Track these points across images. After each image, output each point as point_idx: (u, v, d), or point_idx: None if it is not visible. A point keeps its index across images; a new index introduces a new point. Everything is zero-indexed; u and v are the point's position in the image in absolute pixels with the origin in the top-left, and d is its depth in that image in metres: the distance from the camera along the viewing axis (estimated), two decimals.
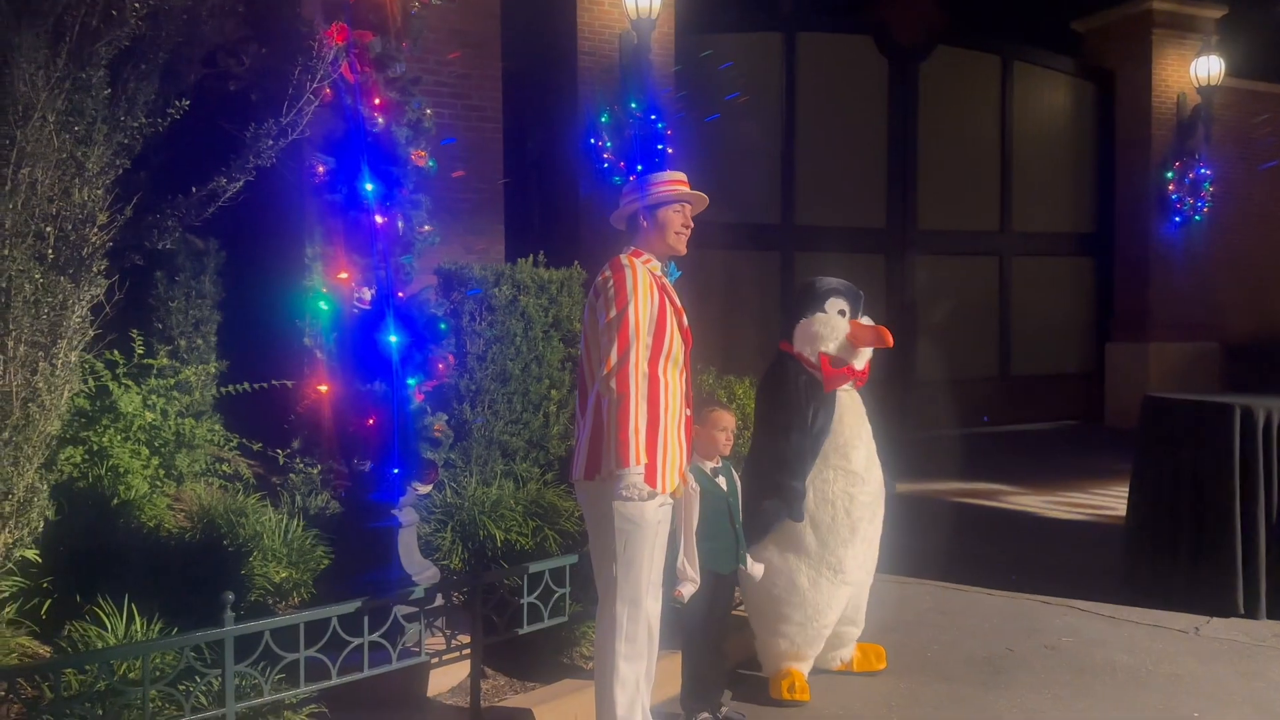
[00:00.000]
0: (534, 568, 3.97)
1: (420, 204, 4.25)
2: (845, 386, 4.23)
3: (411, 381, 4.17)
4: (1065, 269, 13.15)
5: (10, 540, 3.73)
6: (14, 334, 3.49)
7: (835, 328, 4.19)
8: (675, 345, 3.33)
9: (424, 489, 4.37)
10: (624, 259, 3.34)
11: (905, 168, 11.81)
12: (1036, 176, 12.83)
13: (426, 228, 4.30)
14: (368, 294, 4.12)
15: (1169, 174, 12.42)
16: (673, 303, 3.38)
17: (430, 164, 4.30)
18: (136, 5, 3.61)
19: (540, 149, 9.39)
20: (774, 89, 10.99)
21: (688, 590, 3.60)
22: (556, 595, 3.99)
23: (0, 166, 3.40)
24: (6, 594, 3.74)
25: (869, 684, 4.34)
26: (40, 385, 3.58)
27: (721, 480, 3.85)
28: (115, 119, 3.71)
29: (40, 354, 3.58)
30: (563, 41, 8.83)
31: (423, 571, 4.07)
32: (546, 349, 5.96)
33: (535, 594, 3.93)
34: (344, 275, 4.08)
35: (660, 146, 8.68)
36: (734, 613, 4.36)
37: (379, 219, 4.12)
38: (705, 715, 3.85)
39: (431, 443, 4.42)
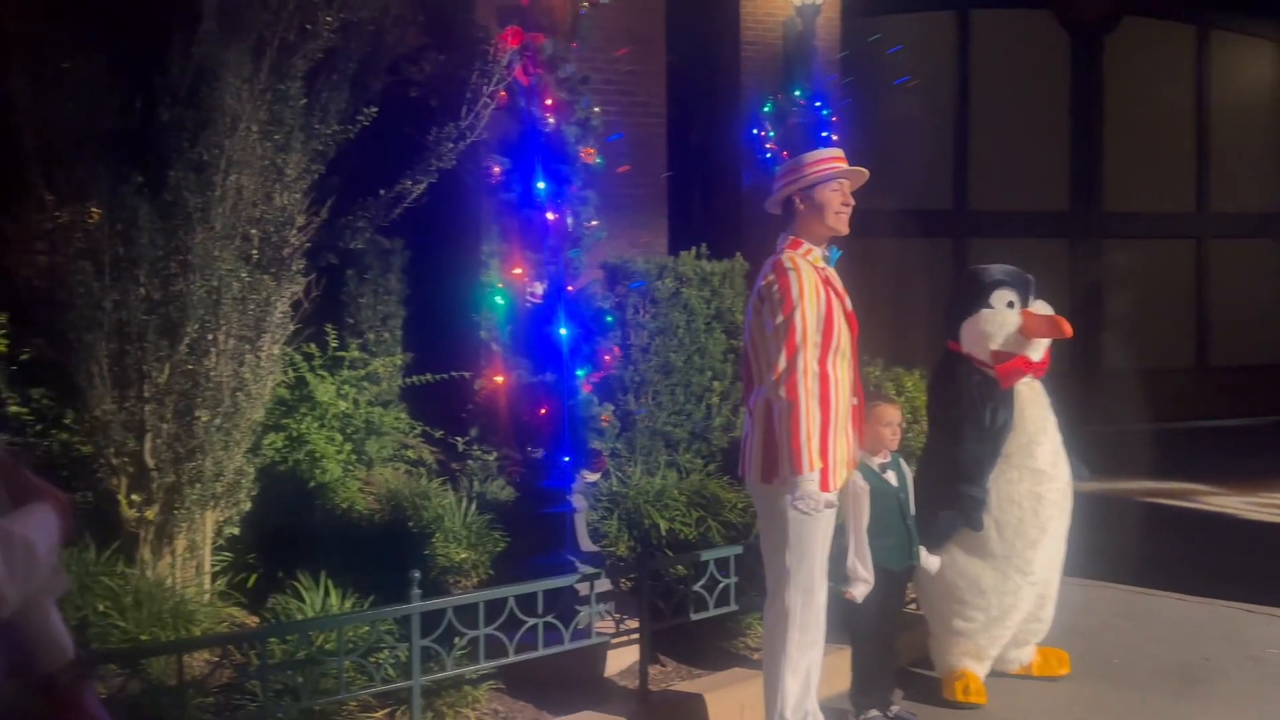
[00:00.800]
0: (702, 556, 4.01)
1: (588, 200, 4.37)
2: (1025, 379, 4.04)
3: (580, 372, 4.29)
4: (1271, 251, 12.11)
5: (221, 519, 4.09)
6: (224, 329, 3.81)
7: (1005, 322, 4.00)
8: (842, 338, 3.29)
9: (592, 477, 4.49)
10: (785, 259, 3.28)
11: (1089, 147, 11.18)
12: (1238, 153, 11.87)
13: (594, 223, 4.41)
14: (539, 288, 4.27)
15: None
16: (836, 292, 3.33)
17: (598, 161, 4.41)
18: (329, 19, 3.87)
19: (703, 141, 9.42)
20: (946, 70, 10.63)
21: (860, 591, 3.56)
22: (722, 585, 4.01)
23: (211, 174, 3.72)
24: (218, 568, 4.10)
25: (1049, 689, 4.16)
26: (247, 376, 3.90)
27: (891, 476, 3.77)
28: (311, 127, 3.99)
29: (247, 347, 3.89)
30: (725, 32, 8.82)
31: (592, 557, 4.18)
32: (709, 340, 5.99)
33: (701, 582, 3.97)
34: (518, 271, 4.24)
35: (825, 134, 8.54)
36: (906, 609, 4.27)
37: (550, 216, 4.26)
38: (875, 713, 3.79)
39: (599, 432, 4.55)
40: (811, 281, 3.22)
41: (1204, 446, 10.15)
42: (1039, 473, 3.95)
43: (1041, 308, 4.09)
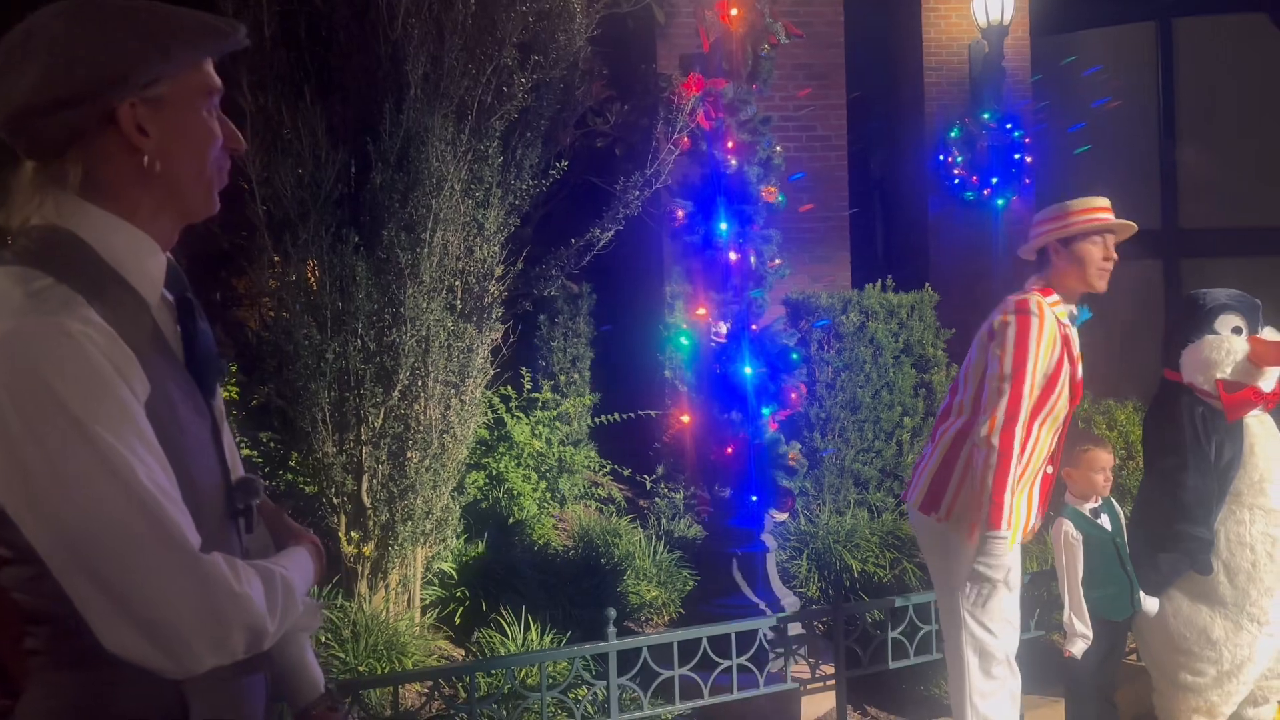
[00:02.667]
0: (899, 602, 3.90)
1: (771, 239, 4.38)
2: (1254, 411, 3.72)
3: (766, 411, 4.29)
4: None
5: (430, 554, 4.32)
6: (432, 375, 4.05)
7: (1231, 350, 3.69)
8: (1060, 404, 3.09)
9: (780, 516, 4.46)
10: (1032, 302, 3.05)
11: None
12: None
13: (777, 261, 4.41)
14: (724, 328, 4.30)
15: None
16: (1070, 355, 3.11)
17: (780, 199, 4.42)
18: (523, 80, 4.08)
19: (884, 172, 9.26)
20: (1148, 84, 10.01)
21: (1079, 647, 3.35)
22: (923, 631, 3.88)
23: (420, 232, 3.97)
24: (427, 601, 4.32)
25: None
26: (453, 419, 4.12)
27: (1105, 520, 3.53)
28: (507, 183, 4.21)
29: (452, 391, 4.12)
30: (908, 60, 8.66)
31: (783, 599, 4.14)
32: (897, 375, 5.85)
33: (900, 629, 3.85)
34: (702, 311, 4.30)
35: (1018, 156, 8.22)
36: (1127, 660, 3.99)
37: (733, 256, 4.30)
38: None
39: (787, 471, 4.51)
40: (1051, 333, 3.03)
41: None
42: (1273, 512, 3.61)
43: (1271, 334, 3.76)
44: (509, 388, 5.24)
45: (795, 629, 3.93)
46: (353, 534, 4.06)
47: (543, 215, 4.74)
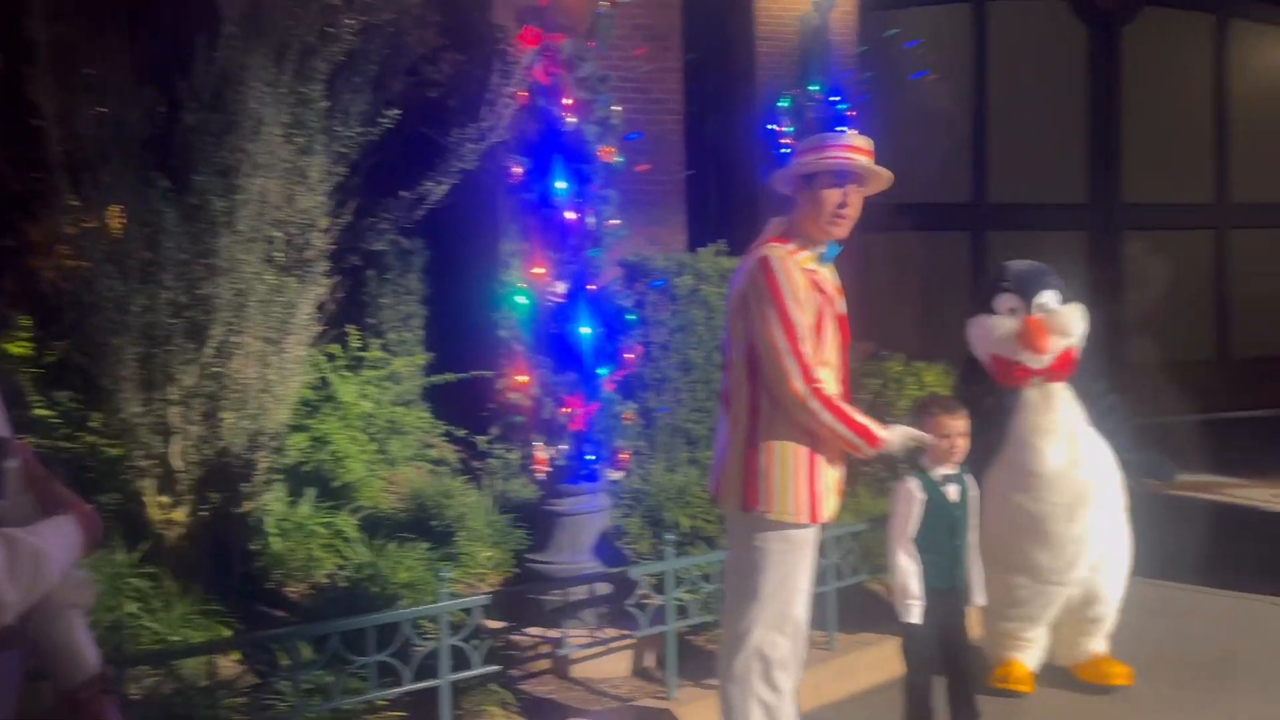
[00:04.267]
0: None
1: (608, 199, 4.37)
2: (1034, 381, 3.97)
3: (602, 371, 4.30)
4: None
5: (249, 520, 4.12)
6: (249, 331, 3.85)
7: (1001, 330, 3.96)
8: (831, 348, 2.92)
9: (615, 475, 4.49)
10: (772, 258, 2.82)
11: (1108, 139, 11.09)
12: (1259, 143, 11.74)
13: (614, 222, 4.41)
14: (561, 287, 4.27)
15: None
16: (826, 295, 2.92)
17: (618, 159, 4.41)
18: (349, 21, 3.89)
19: (719, 138, 9.40)
20: (964, 63, 10.57)
21: (914, 613, 3.32)
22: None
23: (235, 178, 3.75)
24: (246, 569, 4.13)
25: (1083, 683, 4.13)
26: (272, 377, 3.93)
27: (952, 490, 3.45)
28: (332, 130, 4.01)
29: (272, 349, 3.93)
30: (741, 28, 8.79)
31: (611, 557, 4.20)
32: None
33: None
34: (539, 270, 4.25)
35: (842, 129, 8.51)
36: None
37: (570, 215, 4.26)
38: None
39: (621, 430, 4.55)
40: (798, 284, 2.83)
41: (1228, 439, 10.04)
42: (1036, 476, 3.89)
43: (1052, 308, 3.98)
44: (335, 346, 5.04)
45: (607, 588, 3.97)
46: (162, 498, 3.83)
47: (372, 166, 4.54)
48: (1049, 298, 4.00)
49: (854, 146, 2.92)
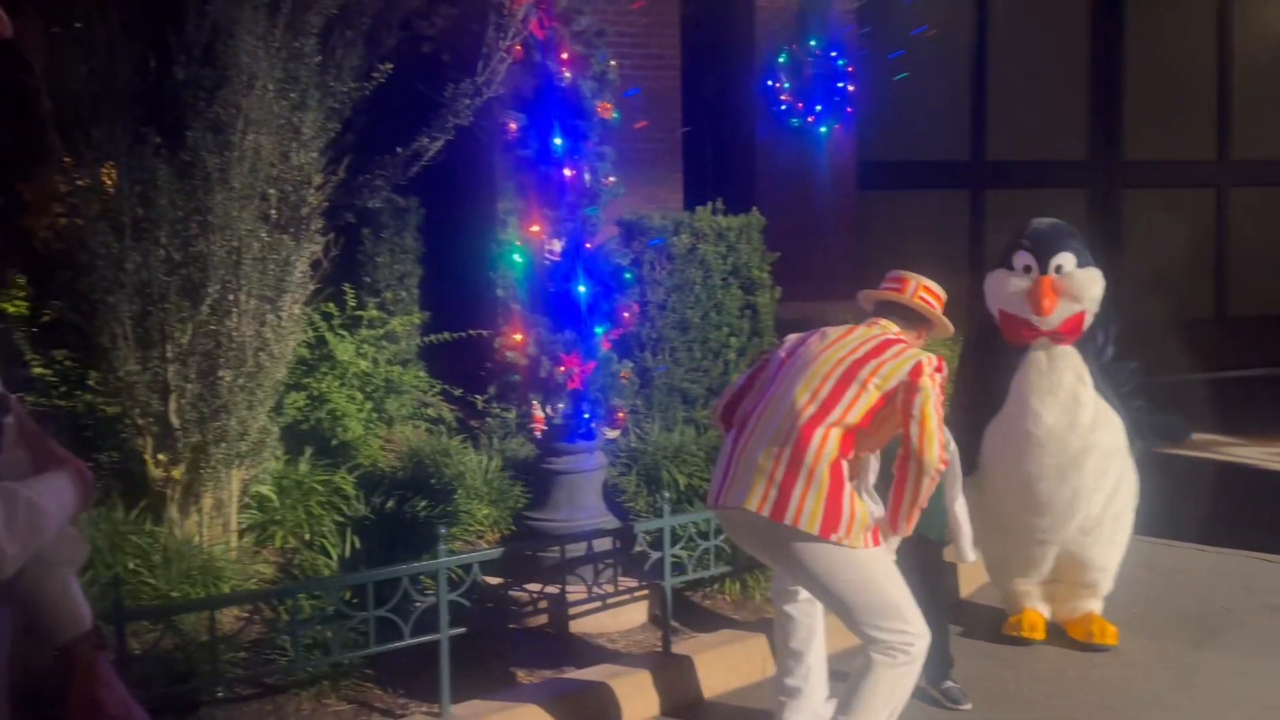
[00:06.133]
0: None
1: (605, 156, 4.33)
2: (1041, 342, 3.97)
3: (599, 330, 4.29)
4: None
5: (247, 477, 4.14)
6: (245, 289, 3.83)
7: (1012, 287, 3.97)
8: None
9: (611, 434, 4.51)
10: (935, 366, 3.02)
11: (1109, 96, 10.99)
12: (1262, 101, 11.64)
13: (611, 179, 4.38)
14: (557, 246, 4.25)
15: None
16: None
17: (614, 116, 4.37)
18: None
19: (716, 94, 9.31)
20: (964, 18, 10.43)
21: (891, 542, 3.32)
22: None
23: (229, 133, 3.71)
24: (245, 525, 4.15)
25: (1071, 641, 4.19)
26: (269, 335, 3.92)
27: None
28: (325, 85, 3.96)
29: (268, 307, 3.91)
30: None
31: (608, 514, 4.22)
32: (725, 296, 5.97)
33: (722, 537, 3.99)
34: (535, 228, 4.22)
35: (841, 85, 8.43)
36: None
37: (567, 172, 4.23)
38: (949, 684, 3.66)
39: (618, 389, 4.55)
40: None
41: (1224, 397, 10.07)
42: (1030, 435, 3.91)
43: (1067, 270, 3.96)
44: (331, 305, 5.02)
45: (604, 545, 3.99)
46: (160, 456, 3.84)
47: (366, 122, 4.49)
48: (1065, 259, 3.95)
49: (929, 293, 3.29)
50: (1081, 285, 3.93)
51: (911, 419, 2.94)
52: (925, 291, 3.29)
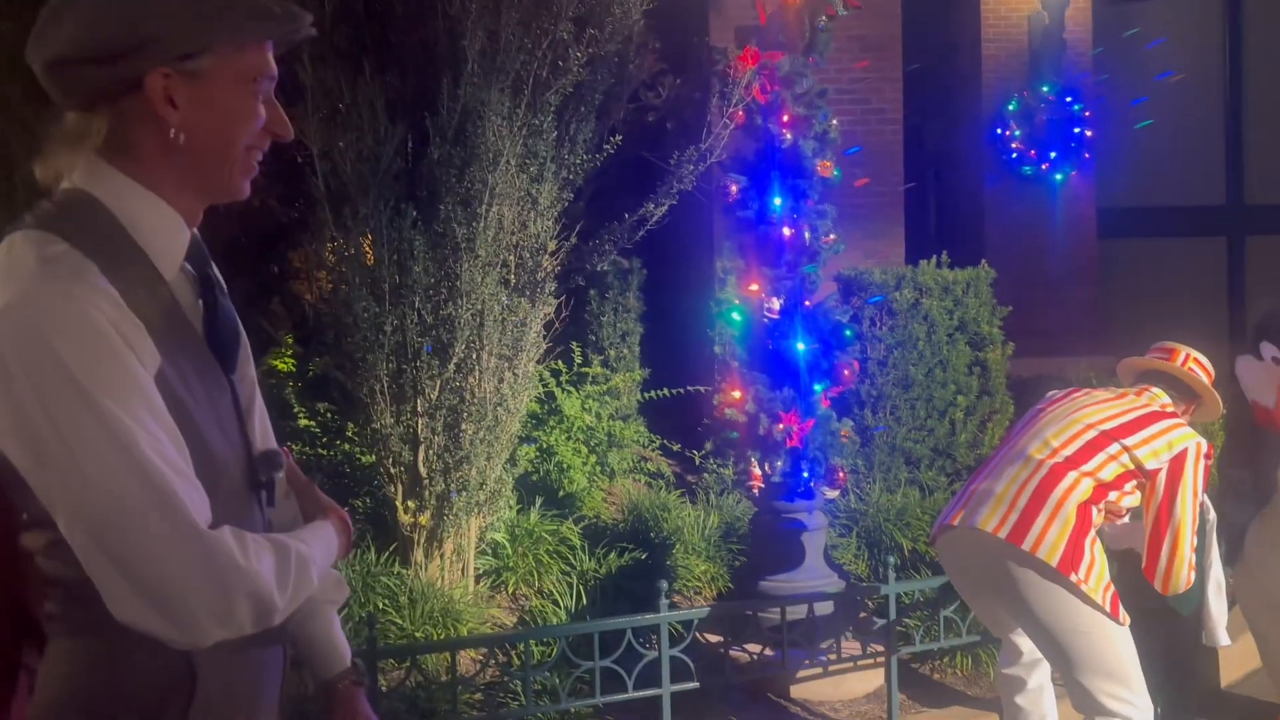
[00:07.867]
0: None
1: (825, 214, 4.35)
2: None
3: (818, 387, 4.27)
4: None
5: (483, 524, 4.39)
6: (486, 349, 4.10)
7: (1248, 377, 3.62)
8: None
9: (831, 494, 4.45)
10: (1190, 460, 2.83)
11: None
12: None
13: (831, 237, 4.38)
14: (776, 304, 4.28)
15: None
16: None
17: (835, 173, 4.38)
18: (578, 55, 4.08)
19: (940, 146, 9.11)
20: (1214, 55, 9.71)
21: (1222, 636, 3.15)
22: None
23: (476, 206, 4.01)
24: (481, 570, 4.39)
25: None
26: (506, 392, 4.17)
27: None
28: (561, 158, 4.22)
29: (506, 365, 4.17)
30: (965, 32, 8.50)
31: (829, 576, 4.15)
32: (951, 353, 5.78)
33: (952, 607, 3.84)
34: (754, 287, 4.28)
35: (1077, 130, 8.05)
36: None
37: (786, 231, 4.27)
38: None
39: (837, 448, 4.50)
40: None
41: None
42: None
43: None
44: (560, 362, 5.27)
45: (826, 609, 3.91)
46: (409, 503, 4.13)
47: (595, 190, 4.74)
48: None
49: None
50: None
51: (1166, 505, 2.77)
52: (1196, 364, 3.06)
